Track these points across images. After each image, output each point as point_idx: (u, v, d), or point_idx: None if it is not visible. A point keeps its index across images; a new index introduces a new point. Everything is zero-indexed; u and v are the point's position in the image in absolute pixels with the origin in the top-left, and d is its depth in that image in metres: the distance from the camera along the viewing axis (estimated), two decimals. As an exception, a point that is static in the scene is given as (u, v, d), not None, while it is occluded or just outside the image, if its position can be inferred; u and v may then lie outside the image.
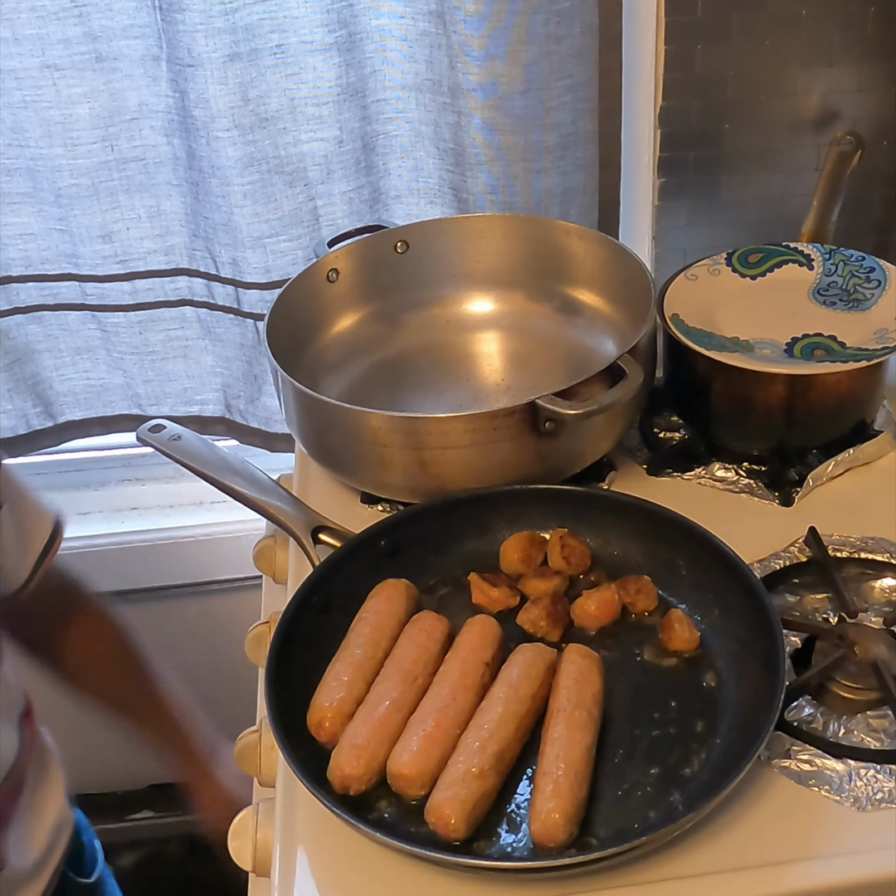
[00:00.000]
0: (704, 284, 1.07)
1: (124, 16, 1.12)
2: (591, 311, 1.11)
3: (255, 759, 0.85)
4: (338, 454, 0.97)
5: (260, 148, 1.18)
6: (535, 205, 1.21)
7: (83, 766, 1.73)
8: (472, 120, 1.16)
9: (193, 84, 1.13)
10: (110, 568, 1.50)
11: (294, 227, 1.23)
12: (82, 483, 1.54)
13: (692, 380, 1.02)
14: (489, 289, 1.15)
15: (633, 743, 0.76)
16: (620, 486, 0.99)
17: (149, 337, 1.34)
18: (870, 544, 0.91)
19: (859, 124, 1.15)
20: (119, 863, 1.76)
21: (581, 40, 1.12)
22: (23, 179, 1.23)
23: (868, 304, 1.03)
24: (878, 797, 0.73)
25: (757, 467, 1.01)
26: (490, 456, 0.90)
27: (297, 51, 1.14)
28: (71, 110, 1.17)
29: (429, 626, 0.83)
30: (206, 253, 1.27)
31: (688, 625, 0.82)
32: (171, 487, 1.52)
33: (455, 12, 1.10)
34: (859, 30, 1.12)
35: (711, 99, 1.15)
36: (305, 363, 1.07)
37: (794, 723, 0.78)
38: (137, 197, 1.24)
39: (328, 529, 0.93)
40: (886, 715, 0.78)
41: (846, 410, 1.00)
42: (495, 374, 1.11)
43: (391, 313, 1.15)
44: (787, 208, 1.19)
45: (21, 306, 1.32)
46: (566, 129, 1.17)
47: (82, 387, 1.40)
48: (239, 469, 0.98)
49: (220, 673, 1.59)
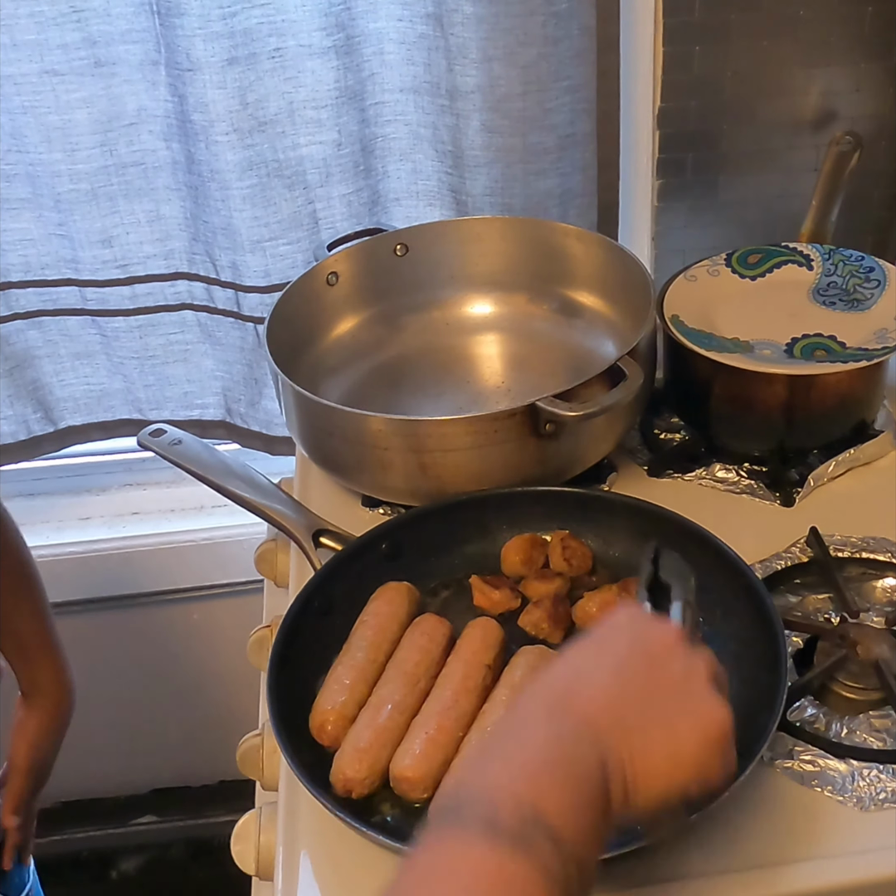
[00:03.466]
0: (704, 285, 1.07)
1: (123, 21, 1.12)
2: (590, 312, 1.11)
3: (257, 763, 0.85)
4: (338, 457, 0.97)
5: (259, 152, 1.18)
6: (534, 206, 1.21)
7: (86, 770, 1.73)
8: (471, 122, 1.16)
9: (192, 88, 1.13)
10: (112, 573, 1.50)
11: (293, 231, 1.23)
12: (83, 488, 1.54)
13: (692, 381, 1.02)
14: (489, 291, 1.15)
15: (636, 744, 0.76)
16: (621, 487, 0.99)
17: (149, 341, 1.34)
18: (871, 544, 0.91)
19: (858, 124, 1.15)
20: (122, 867, 1.76)
21: (579, 42, 1.12)
22: (22, 185, 1.23)
23: (868, 303, 1.03)
24: (881, 797, 0.73)
25: (758, 468, 1.01)
26: (490, 458, 0.90)
27: (296, 54, 1.14)
28: (70, 115, 1.17)
29: (430, 628, 0.83)
30: (206, 257, 1.27)
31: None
32: (173, 492, 1.52)
33: (452, 15, 1.10)
34: (857, 30, 1.12)
35: (710, 100, 1.15)
36: (306, 366, 1.07)
37: (797, 723, 0.78)
38: (137, 201, 1.24)
39: (329, 533, 0.93)
40: (889, 715, 0.78)
41: (846, 410, 1.00)
42: (495, 376, 1.11)
43: (391, 316, 1.15)
44: (786, 209, 1.19)
45: (21, 312, 1.32)
46: (565, 131, 1.17)
47: (83, 392, 1.40)
48: (240, 473, 0.98)
49: (222, 677, 1.60)
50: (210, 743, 1.57)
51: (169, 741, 1.70)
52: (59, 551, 1.48)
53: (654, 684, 0.58)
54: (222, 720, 1.38)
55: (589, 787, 0.52)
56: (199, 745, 1.68)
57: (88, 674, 1.62)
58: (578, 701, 0.56)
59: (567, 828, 0.49)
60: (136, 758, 1.71)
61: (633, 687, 0.57)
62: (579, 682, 0.57)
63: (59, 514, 1.52)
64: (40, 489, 1.54)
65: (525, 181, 1.19)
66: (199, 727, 1.67)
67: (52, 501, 1.53)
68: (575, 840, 0.49)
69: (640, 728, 0.55)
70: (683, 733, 0.57)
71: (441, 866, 0.48)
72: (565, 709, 0.55)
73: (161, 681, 1.64)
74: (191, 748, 1.70)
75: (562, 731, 0.54)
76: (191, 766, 1.75)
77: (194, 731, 1.68)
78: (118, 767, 1.73)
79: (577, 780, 0.52)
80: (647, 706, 0.57)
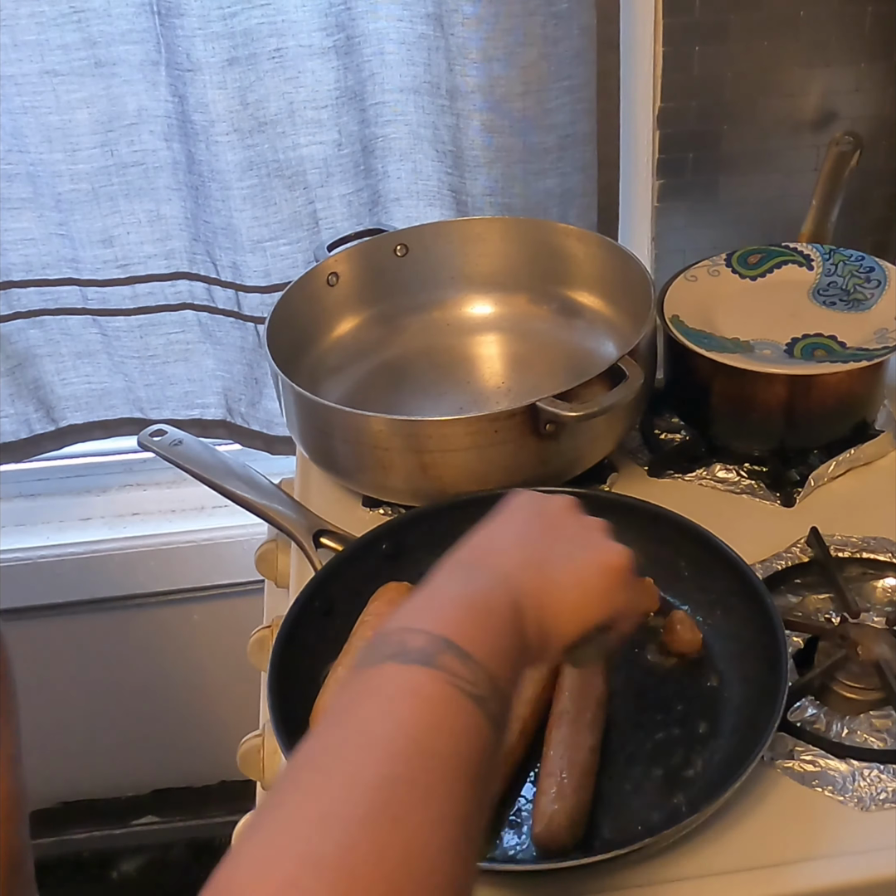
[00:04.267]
0: (704, 285, 1.07)
1: (123, 21, 1.12)
2: (590, 312, 1.11)
3: (258, 764, 0.85)
4: (339, 458, 0.97)
5: (259, 152, 1.18)
6: (534, 207, 1.21)
7: (87, 771, 1.74)
8: (471, 122, 1.16)
9: (192, 89, 1.13)
10: (112, 573, 1.50)
11: (294, 231, 1.23)
12: (84, 488, 1.54)
13: (693, 381, 1.02)
14: (489, 291, 1.15)
15: (637, 745, 0.76)
16: (621, 487, 0.99)
17: (149, 341, 1.34)
18: (871, 544, 0.91)
19: (858, 124, 1.15)
20: (123, 868, 1.76)
21: (579, 42, 1.12)
22: (23, 185, 1.23)
23: (868, 303, 1.03)
24: (882, 797, 0.73)
25: (758, 468, 1.01)
26: (491, 459, 0.90)
27: (296, 55, 1.14)
28: (70, 116, 1.17)
29: (431, 628, 0.82)
30: (207, 257, 1.27)
31: (690, 626, 0.82)
32: (173, 492, 1.52)
33: (452, 15, 1.10)
34: (857, 30, 1.12)
35: (710, 100, 1.15)
36: (306, 367, 1.07)
37: (797, 723, 0.78)
38: (137, 201, 1.24)
39: (329, 533, 0.93)
40: (889, 715, 0.78)
41: (847, 410, 1.00)
42: (496, 376, 1.11)
43: (391, 317, 1.15)
44: (787, 209, 1.19)
45: (22, 311, 1.32)
46: (565, 131, 1.17)
47: (84, 391, 1.40)
48: (240, 473, 0.98)
49: (223, 677, 1.60)
50: (211, 743, 1.57)
51: (170, 742, 1.70)
52: (59, 552, 1.48)
53: (557, 537, 0.63)
54: (223, 720, 1.38)
55: (502, 623, 0.54)
56: (199, 745, 1.68)
57: (89, 674, 1.63)
58: (488, 556, 0.60)
59: (480, 651, 0.51)
60: (137, 758, 1.71)
61: (538, 542, 0.62)
62: (488, 546, 0.62)
63: (59, 515, 1.52)
64: (41, 490, 1.54)
65: (525, 181, 1.19)
66: (199, 727, 1.67)
67: (52, 502, 1.53)
68: (489, 662, 0.51)
69: (548, 569, 0.60)
70: (586, 568, 0.62)
71: (355, 692, 0.49)
72: (478, 566, 0.59)
73: (162, 681, 1.64)
74: (191, 749, 1.70)
75: (472, 578, 0.57)
76: (191, 766, 1.75)
77: (195, 731, 1.68)
78: (119, 768, 1.73)
79: (489, 615, 0.54)
80: (553, 554, 0.61)
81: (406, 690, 0.48)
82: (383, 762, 0.45)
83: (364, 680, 0.50)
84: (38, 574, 1.49)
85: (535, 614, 0.57)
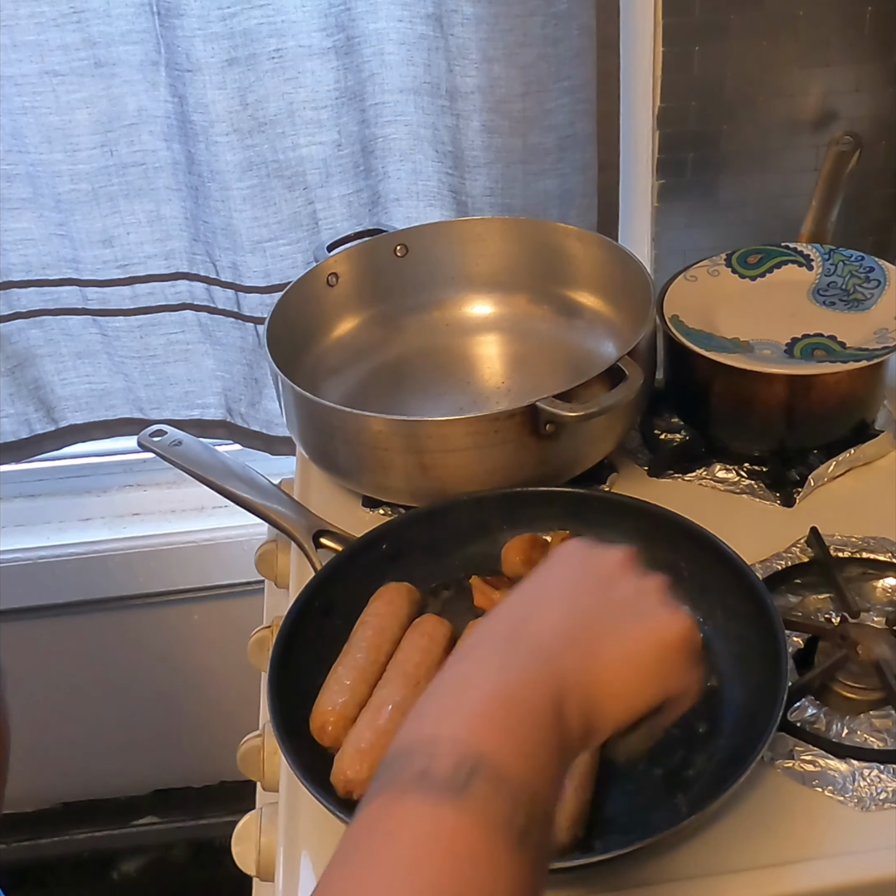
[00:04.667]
0: (704, 285, 1.07)
1: (123, 21, 1.12)
2: (590, 313, 1.11)
3: (258, 764, 0.85)
4: (339, 458, 0.97)
5: (259, 152, 1.18)
6: (534, 207, 1.21)
7: (87, 771, 1.74)
8: (471, 123, 1.16)
9: (192, 89, 1.13)
10: (112, 574, 1.50)
11: (293, 231, 1.23)
12: (84, 489, 1.54)
13: (692, 381, 1.02)
14: (489, 291, 1.15)
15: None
16: (621, 487, 0.99)
17: (149, 341, 1.34)
18: (871, 544, 0.91)
19: (858, 124, 1.15)
20: (123, 868, 1.76)
21: (578, 42, 1.12)
22: (23, 185, 1.23)
23: (868, 303, 1.03)
24: (882, 797, 0.73)
25: (758, 468, 1.01)
26: (491, 459, 0.90)
27: (296, 55, 1.14)
28: (70, 116, 1.17)
29: (431, 629, 0.83)
30: (206, 257, 1.27)
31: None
32: (173, 493, 1.52)
33: (452, 16, 1.10)
34: (857, 30, 1.12)
35: (710, 100, 1.15)
36: (306, 367, 1.07)
37: (797, 723, 0.78)
38: (137, 202, 1.24)
39: (329, 533, 0.93)
40: (889, 715, 0.78)
41: (846, 410, 1.00)
42: (495, 376, 1.11)
43: (391, 317, 1.15)
44: (786, 209, 1.19)
45: (22, 311, 1.32)
46: (564, 131, 1.17)
47: (84, 391, 1.40)
48: (240, 474, 0.98)
49: (223, 678, 1.60)
50: (211, 744, 1.58)
51: (170, 742, 1.70)
52: (59, 552, 1.48)
53: (607, 603, 0.56)
54: (223, 721, 1.38)
55: (542, 722, 0.49)
56: (199, 745, 1.68)
57: (89, 674, 1.63)
58: (529, 631, 0.53)
59: (516, 766, 0.46)
60: (137, 758, 1.71)
61: (586, 609, 0.55)
62: (528, 613, 0.55)
63: (59, 515, 1.52)
64: (41, 490, 1.54)
65: (525, 182, 1.19)
66: (199, 728, 1.68)
67: (52, 502, 1.53)
68: (527, 778, 0.46)
69: (596, 645, 0.53)
70: (640, 644, 0.54)
71: (377, 829, 0.45)
72: (516, 641, 0.52)
73: (161, 681, 1.64)
74: (191, 749, 1.71)
75: (512, 664, 0.51)
76: (192, 766, 1.75)
77: (195, 731, 1.68)
78: (119, 768, 1.73)
79: (528, 713, 0.48)
80: (602, 625, 0.54)
81: (433, 838, 0.43)
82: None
83: (385, 815, 0.45)
84: (38, 574, 1.49)
85: (580, 702, 0.51)
